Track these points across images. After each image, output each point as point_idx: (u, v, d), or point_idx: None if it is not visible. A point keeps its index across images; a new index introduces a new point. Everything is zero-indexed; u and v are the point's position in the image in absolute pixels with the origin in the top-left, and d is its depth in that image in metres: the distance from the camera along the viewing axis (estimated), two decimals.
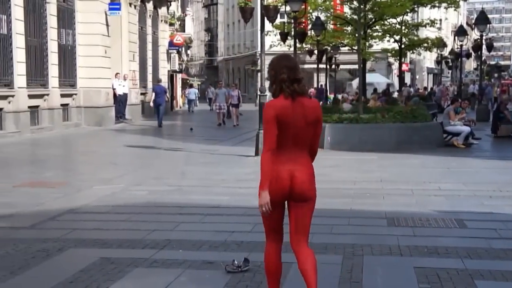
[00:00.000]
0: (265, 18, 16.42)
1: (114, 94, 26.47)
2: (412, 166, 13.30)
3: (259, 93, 16.19)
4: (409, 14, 35.98)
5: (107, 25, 25.69)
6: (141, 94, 31.16)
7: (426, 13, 49.65)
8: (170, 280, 5.46)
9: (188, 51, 58.36)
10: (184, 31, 43.35)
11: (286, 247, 4.65)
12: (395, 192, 10.05)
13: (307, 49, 37.49)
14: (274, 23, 26.37)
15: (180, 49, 42.10)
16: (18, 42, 20.12)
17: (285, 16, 29.18)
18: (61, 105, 23.08)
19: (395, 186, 10.67)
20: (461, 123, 17.43)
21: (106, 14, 25.42)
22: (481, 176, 11.96)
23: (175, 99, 42.84)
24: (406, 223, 7.75)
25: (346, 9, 32.35)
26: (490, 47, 39.16)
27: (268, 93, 12.20)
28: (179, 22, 42.44)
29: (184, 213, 8.54)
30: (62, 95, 23.07)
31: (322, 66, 39.96)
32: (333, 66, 43.90)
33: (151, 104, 26.64)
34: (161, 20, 35.48)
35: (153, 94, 26.55)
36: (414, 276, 5.57)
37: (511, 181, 11.13)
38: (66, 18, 24.23)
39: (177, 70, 42.84)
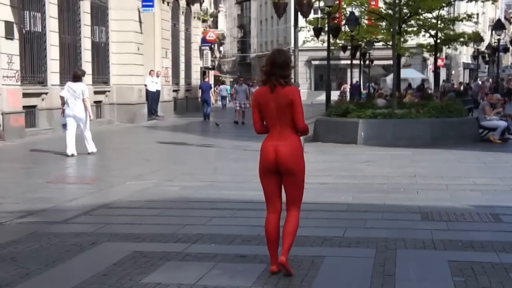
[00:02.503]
0: (299, 13, 16.42)
1: (146, 91, 26.72)
2: (447, 161, 13.19)
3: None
4: (445, 8, 35.54)
5: (140, 22, 25.93)
6: (174, 91, 31.38)
7: (463, 7, 49.01)
8: (203, 273, 5.51)
9: (221, 48, 58.63)
10: (217, 27, 43.62)
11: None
12: (429, 187, 9.98)
13: (340, 44, 37.33)
14: (308, 19, 26.44)
15: (212, 46, 42.32)
16: (52, 40, 20.43)
17: (319, 11, 29.22)
18: (94, 102, 23.35)
19: (429, 181, 10.59)
20: (497, 118, 17.22)
21: (139, 11, 25.67)
22: None
23: (214, 94, 42.98)
24: (440, 217, 7.70)
25: (381, 3, 32.16)
26: None
27: (301, 89, 12.29)
28: (212, 19, 42.68)
29: (216, 208, 8.59)
30: (96, 92, 23.33)
31: (356, 62, 39.78)
32: (367, 62, 43.69)
33: (199, 99, 28.72)
34: (194, 17, 35.67)
35: (199, 90, 28.47)
36: (448, 269, 5.54)
37: None
38: (100, 16, 24.54)
39: (210, 67, 43.05)
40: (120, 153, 16.09)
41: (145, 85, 26.70)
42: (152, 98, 27.30)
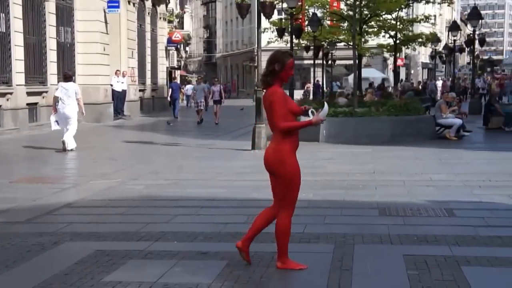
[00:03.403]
0: (262, 14, 16.41)
1: (112, 91, 26.47)
2: (405, 158, 13.31)
3: (256, 88, 16.20)
4: (403, 10, 35.89)
5: (106, 22, 25.67)
6: (140, 90, 31.14)
7: (421, 8, 49.52)
8: (164, 270, 5.46)
9: (187, 48, 58.37)
10: (182, 28, 43.41)
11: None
12: (387, 183, 10.07)
13: (303, 45, 37.46)
14: (271, 20, 26.48)
15: (178, 46, 42.12)
16: (17, 40, 20.08)
17: (283, 12, 29.19)
18: None
19: (387, 178, 10.68)
20: (453, 115, 17.45)
21: (105, 12, 25.40)
22: (472, 167, 11.99)
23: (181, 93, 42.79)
24: (397, 212, 7.77)
25: (343, 5, 32.30)
26: (482, 42, 39.20)
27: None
28: (178, 20, 42.45)
29: (180, 206, 8.54)
30: None
31: (319, 61, 40.01)
32: (330, 62, 43.93)
33: (168, 98, 29.89)
34: (160, 18, 35.43)
35: (170, 90, 29.21)
36: (403, 263, 5.58)
37: (500, 171, 11.15)
38: (65, 16, 24.21)
39: (176, 66, 42.86)
40: (86, 152, 15.87)
41: (111, 85, 26.45)
42: (118, 97, 27.05)
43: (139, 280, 5.21)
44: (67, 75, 15.76)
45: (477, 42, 34.12)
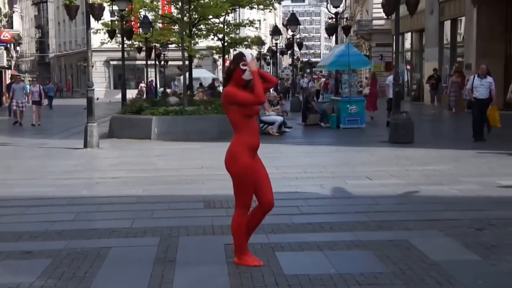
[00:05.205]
0: (91, 16, 15.94)
1: None
2: None
3: (87, 88, 15.73)
4: (230, 14, 36.54)
5: None
6: None
7: (246, 13, 50.70)
8: None
9: (18, 48, 55.30)
10: (12, 27, 41.00)
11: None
12: (214, 178, 10.15)
13: (136, 46, 36.97)
14: (103, 21, 25.76)
15: (8, 46, 39.75)
16: None
17: (115, 14, 28.55)
18: None
19: (214, 172, 10.77)
20: (275, 113, 18.07)
21: None
22: (291, 160, 12.46)
23: (4, 95, 40.39)
24: (221, 205, 7.89)
25: (173, 8, 32.20)
26: (300, 46, 41.10)
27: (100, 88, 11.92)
28: (7, 19, 40.04)
29: (6, 206, 8.11)
30: None
31: (152, 62, 39.73)
32: (162, 63, 43.76)
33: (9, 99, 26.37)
34: None
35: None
36: (223, 252, 5.69)
37: (315, 163, 11.69)
38: None
39: (6, 66, 40.46)
40: None
41: None
42: None
43: None
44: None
45: (296, 45, 35.60)
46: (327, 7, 23.78)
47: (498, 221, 6.70)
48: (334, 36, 24.84)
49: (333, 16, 23.22)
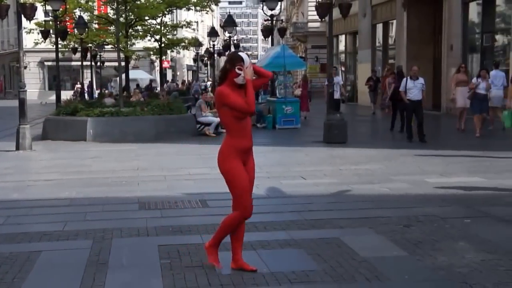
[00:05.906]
0: (23, 16, 15.54)
1: None
2: (168, 154, 13.46)
3: (19, 89, 15.30)
4: (167, 15, 36.26)
5: None
6: None
7: (184, 15, 50.43)
8: None
9: None
10: None
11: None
12: (149, 179, 10.09)
13: (71, 46, 36.24)
14: (36, 21, 25.18)
15: None
16: None
17: (49, 14, 27.90)
18: None
19: (150, 173, 10.71)
20: (212, 114, 18.04)
21: None
22: None
23: None
24: (156, 206, 7.82)
25: (110, 9, 31.72)
26: (237, 47, 41.21)
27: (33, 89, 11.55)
28: None
29: None
30: None
31: (87, 63, 39.00)
32: (99, 64, 43.06)
33: None
34: None
35: None
36: (157, 253, 5.64)
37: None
38: None
39: None
40: None
41: None
42: None
43: None
44: None
45: (233, 46, 35.67)
46: (262, 9, 23.86)
47: (425, 218, 6.90)
48: (270, 38, 24.97)
49: (269, 18, 23.34)
